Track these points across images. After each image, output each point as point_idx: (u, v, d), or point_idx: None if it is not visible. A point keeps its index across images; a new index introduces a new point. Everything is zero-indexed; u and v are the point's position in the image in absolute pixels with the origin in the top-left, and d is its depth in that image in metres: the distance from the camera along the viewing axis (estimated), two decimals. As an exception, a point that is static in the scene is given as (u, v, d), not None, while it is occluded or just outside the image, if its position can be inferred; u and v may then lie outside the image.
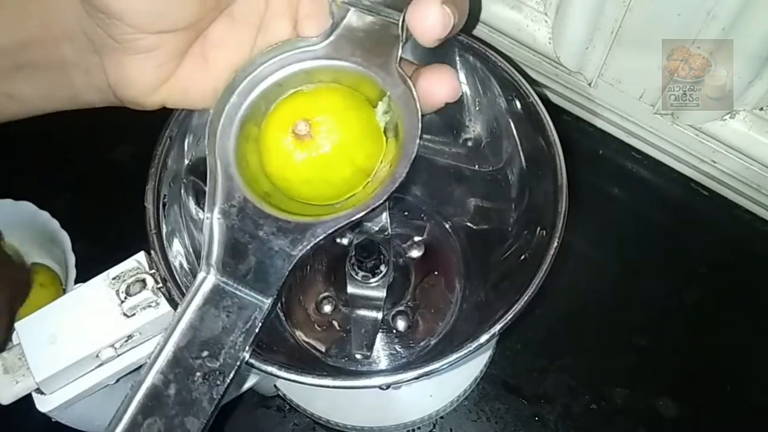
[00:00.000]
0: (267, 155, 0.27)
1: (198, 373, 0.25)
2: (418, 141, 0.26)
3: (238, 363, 0.25)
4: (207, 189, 0.27)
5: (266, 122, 0.28)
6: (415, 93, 0.26)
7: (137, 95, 0.27)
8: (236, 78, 0.28)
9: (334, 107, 0.27)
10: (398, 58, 0.27)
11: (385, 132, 0.28)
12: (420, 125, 0.26)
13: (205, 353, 0.25)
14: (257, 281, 0.26)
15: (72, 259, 0.45)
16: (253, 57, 0.28)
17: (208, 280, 0.26)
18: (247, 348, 0.25)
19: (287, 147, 0.27)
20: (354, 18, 0.28)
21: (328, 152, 0.26)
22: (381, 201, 0.26)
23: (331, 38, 0.28)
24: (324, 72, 0.28)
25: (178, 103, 0.28)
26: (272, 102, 0.28)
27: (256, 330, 0.26)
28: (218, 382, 0.25)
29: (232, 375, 0.25)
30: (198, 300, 0.26)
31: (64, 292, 0.46)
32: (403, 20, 0.26)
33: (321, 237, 0.26)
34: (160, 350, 0.25)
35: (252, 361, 0.29)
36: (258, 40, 0.28)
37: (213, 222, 0.26)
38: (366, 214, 0.26)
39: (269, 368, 0.29)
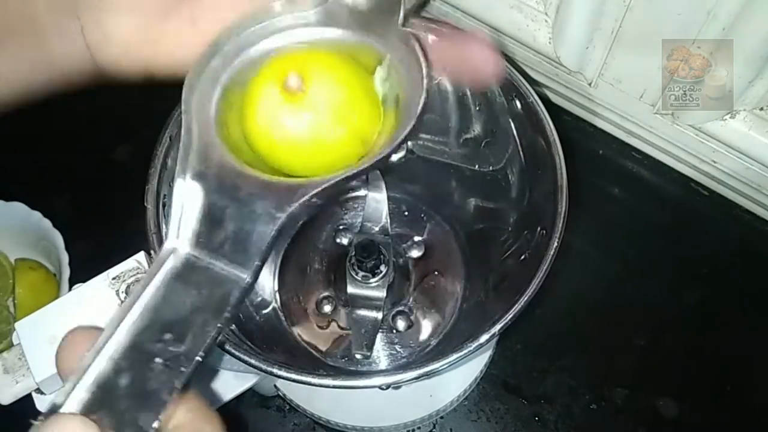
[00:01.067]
0: (251, 115, 0.25)
1: (158, 360, 0.21)
2: (422, 101, 0.24)
3: (206, 345, 0.22)
4: (180, 149, 0.24)
5: (252, 80, 0.25)
6: (420, 52, 0.24)
7: (119, 56, 0.26)
8: (220, 39, 0.26)
9: (329, 64, 0.25)
10: (400, 20, 0.25)
11: (384, 102, 0.26)
12: (425, 84, 0.24)
13: (168, 336, 0.22)
14: (235, 252, 0.23)
15: (65, 258, 0.45)
16: (240, 20, 0.26)
17: (177, 252, 0.23)
18: (217, 329, 0.22)
19: (275, 103, 0.24)
20: None
21: (322, 109, 0.24)
22: (376, 160, 0.23)
23: (326, 5, 0.26)
24: (317, 41, 0.26)
25: (163, 68, 0.26)
26: (258, 67, 0.26)
27: (230, 308, 0.22)
28: (182, 369, 0.21)
29: (198, 359, 0.21)
30: (162, 275, 0.23)
31: (59, 290, 0.46)
32: None
33: (308, 196, 0.23)
34: (111, 332, 0.21)
35: (252, 361, 0.30)
36: (252, 2, 0.26)
37: (186, 185, 0.23)
38: (359, 173, 0.24)
39: (269, 368, 0.29)
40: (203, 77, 0.25)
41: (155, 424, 0.20)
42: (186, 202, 0.23)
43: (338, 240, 0.46)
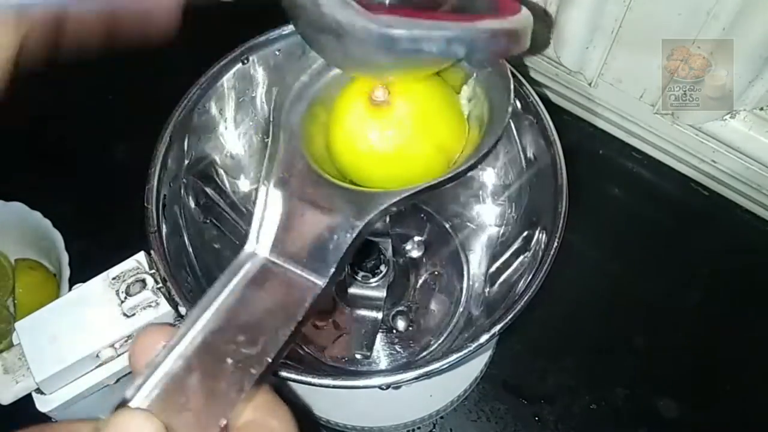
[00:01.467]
0: (337, 127, 0.26)
1: (229, 360, 0.21)
2: (507, 120, 0.25)
3: (279, 349, 0.22)
4: (266, 159, 0.25)
5: (339, 95, 0.26)
6: (508, 72, 0.25)
7: None
8: (310, 56, 0.27)
9: (415, 80, 0.25)
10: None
11: (468, 119, 0.26)
12: (509, 106, 0.25)
13: (242, 338, 0.22)
14: (312, 258, 0.23)
15: (65, 258, 0.45)
16: None
17: (255, 256, 0.23)
18: (291, 333, 0.22)
19: (361, 115, 0.25)
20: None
21: (406, 122, 0.24)
22: (454, 174, 0.24)
23: None
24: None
25: None
26: (343, 85, 0.27)
27: (303, 314, 0.22)
28: (252, 371, 0.21)
29: (268, 361, 0.21)
30: (239, 278, 0.23)
31: (59, 290, 0.46)
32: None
33: (387, 205, 0.23)
34: (186, 331, 0.22)
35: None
36: None
37: (268, 192, 0.24)
38: (435, 186, 0.24)
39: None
40: (292, 93, 0.27)
41: (222, 422, 0.20)
42: (268, 208, 0.24)
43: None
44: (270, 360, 0.21)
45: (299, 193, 0.24)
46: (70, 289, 0.43)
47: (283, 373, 0.29)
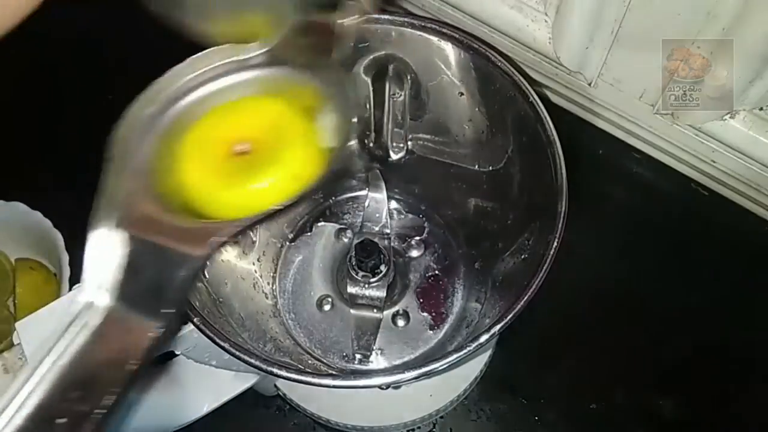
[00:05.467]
0: (193, 169, 0.25)
1: (61, 420, 0.20)
2: (345, 141, 0.25)
3: (114, 404, 0.21)
4: (101, 198, 0.24)
5: (193, 132, 0.26)
6: (350, 91, 0.26)
7: None
8: (156, 86, 0.26)
9: (273, 121, 0.25)
10: (337, 58, 0.26)
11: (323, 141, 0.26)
12: (350, 128, 0.25)
13: (76, 394, 0.20)
14: (153, 300, 0.22)
15: (66, 258, 0.45)
16: (178, 66, 0.26)
17: (93, 306, 0.22)
18: (129, 384, 0.21)
19: (220, 162, 0.25)
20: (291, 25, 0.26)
21: (267, 169, 0.25)
22: (292, 198, 0.24)
23: (268, 46, 0.26)
24: (258, 82, 0.27)
25: None
26: (201, 114, 0.26)
27: (140, 360, 0.21)
28: (85, 429, 0.20)
29: (102, 419, 0.20)
30: (77, 330, 0.21)
31: (60, 290, 0.46)
32: (340, 20, 0.26)
33: (226, 237, 0.23)
34: (16, 392, 0.20)
35: (252, 360, 0.30)
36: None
37: (109, 234, 0.23)
38: (271, 212, 0.24)
39: (269, 368, 0.29)
40: (136, 126, 0.25)
41: None
42: (106, 251, 0.23)
43: (338, 239, 0.46)
44: (104, 413, 0.20)
45: (139, 236, 0.23)
46: (70, 289, 0.44)
47: (284, 373, 0.30)
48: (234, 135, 0.25)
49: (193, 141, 0.26)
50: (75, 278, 0.45)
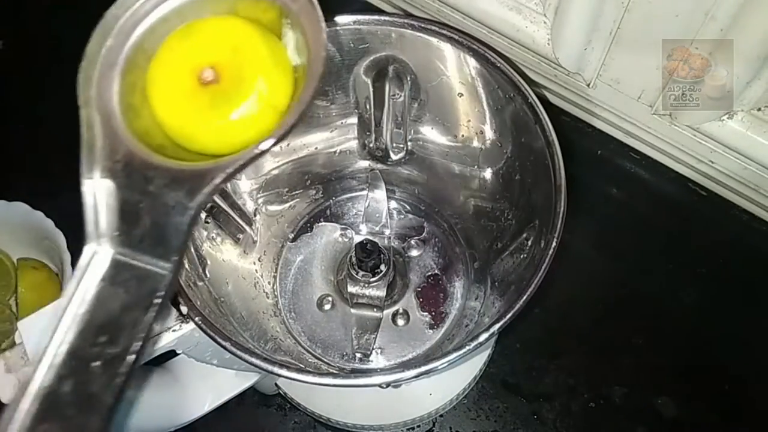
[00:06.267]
0: (163, 103, 0.24)
1: (96, 363, 0.21)
2: (324, 55, 0.23)
3: (141, 343, 0.22)
4: (83, 148, 0.23)
5: (157, 66, 0.24)
6: (316, 4, 0.24)
7: None
8: (108, 17, 0.24)
9: (239, 41, 0.24)
10: None
11: (297, 69, 0.25)
12: (324, 38, 0.23)
13: (104, 338, 0.22)
14: (156, 245, 0.22)
15: (68, 258, 0.45)
16: None
17: (100, 254, 0.23)
18: (150, 325, 0.22)
19: (189, 94, 0.23)
20: None
21: (237, 93, 0.23)
22: (285, 131, 0.23)
23: None
24: (213, 1, 0.25)
25: None
26: (160, 41, 0.25)
27: (160, 302, 0.22)
28: (121, 370, 0.21)
29: (135, 358, 0.22)
30: (90, 279, 0.22)
31: (62, 289, 0.46)
32: None
33: (220, 180, 0.23)
34: (49, 342, 0.22)
35: (252, 359, 0.30)
36: None
37: (96, 185, 0.23)
38: (268, 149, 0.23)
39: (270, 367, 0.30)
40: (99, 63, 0.24)
41: (99, 425, 0.21)
42: (99, 201, 0.23)
43: (338, 240, 0.46)
44: (134, 356, 0.22)
45: (127, 181, 0.23)
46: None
47: (284, 372, 0.30)
48: (197, 62, 0.24)
49: (156, 74, 0.24)
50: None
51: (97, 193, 0.23)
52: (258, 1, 0.25)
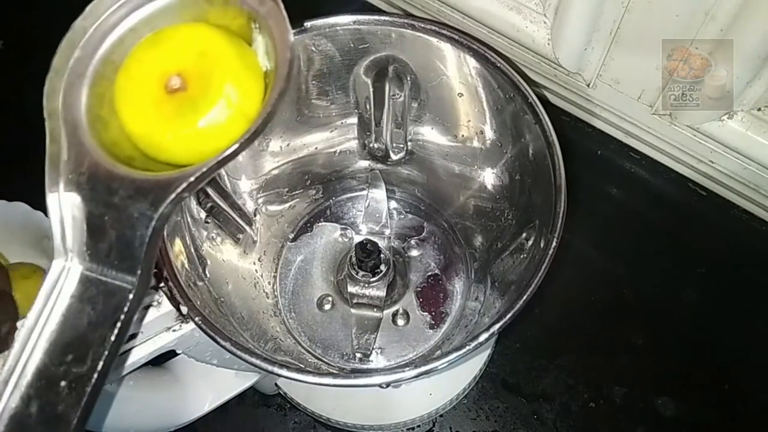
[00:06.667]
0: (130, 113, 0.24)
1: (63, 383, 0.21)
2: (289, 57, 0.23)
3: (107, 361, 0.22)
4: (47, 160, 0.23)
5: (124, 75, 0.24)
6: (282, 7, 0.23)
7: None
8: (76, 28, 0.24)
9: (206, 47, 0.23)
10: None
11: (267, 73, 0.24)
12: (291, 41, 0.23)
13: (70, 356, 0.21)
14: (122, 259, 0.22)
15: None
16: (94, 2, 0.24)
17: (67, 269, 0.22)
18: (115, 341, 0.22)
19: (156, 103, 0.23)
20: None
21: (206, 101, 0.23)
22: (250, 136, 0.22)
23: None
24: (184, 9, 0.25)
25: None
26: (128, 52, 0.24)
27: (125, 318, 0.22)
28: (86, 389, 0.21)
29: (98, 377, 0.21)
30: (58, 296, 0.22)
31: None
32: None
33: (182, 189, 0.22)
34: (15, 362, 0.21)
35: (253, 359, 0.30)
36: None
37: (60, 198, 0.22)
38: (232, 154, 0.22)
39: (270, 367, 0.30)
40: (66, 74, 0.24)
41: None
42: (65, 215, 0.22)
43: (338, 240, 0.46)
44: (99, 373, 0.21)
45: (92, 193, 0.22)
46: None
47: (284, 372, 0.30)
48: (164, 70, 0.23)
49: (123, 84, 0.24)
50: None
51: (63, 206, 0.23)
52: (226, 8, 0.24)
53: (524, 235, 0.37)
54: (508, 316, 0.30)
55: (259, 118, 0.22)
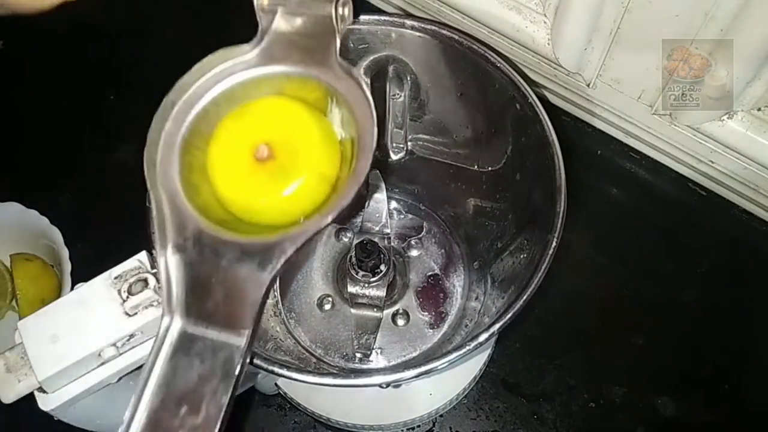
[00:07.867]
0: (222, 181, 0.26)
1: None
2: (375, 131, 0.25)
3: (223, 412, 0.22)
4: (155, 226, 0.25)
5: (214, 146, 0.26)
6: (363, 84, 0.25)
7: None
8: (166, 103, 0.26)
9: (289, 119, 0.26)
10: (337, 50, 0.26)
11: (342, 141, 0.26)
12: (374, 115, 0.25)
13: (184, 409, 0.22)
14: (228, 317, 0.23)
15: (65, 253, 0.45)
16: (184, 78, 0.26)
17: (173, 326, 0.24)
18: (229, 393, 0.23)
19: (246, 171, 0.25)
20: (283, 20, 0.27)
21: (292, 169, 0.25)
22: (347, 201, 0.24)
23: (263, 44, 0.27)
24: (263, 82, 0.27)
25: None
26: (213, 122, 0.26)
27: (237, 371, 0.23)
28: None
29: (218, 427, 0.22)
30: (165, 351, 0.23)
31: (61, 285, 0.46)
32: (336, 10, 0.26)
33: (291, 252, 0.23)
34: (132, 415, 0.22)
35: (255, 360, 0.30)
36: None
37: (168, 261, 0.24)
38: (333, 219, 0.24)
39: (270, 367, 0.30)
40: (161, 145, 0.26)
41: None
42: (172, 276, 0.24)
43: (338, 239, 0.46)
44: (218, 424, 0.22)
45: (198, 257, 0.24)
46: (72, 284, 0.44)
47: (285, 372, 0.30)
48: (252, 141, 0.25)
49: (216, 153, 0.26)
50: (76, 278, 0.45)
51: (170, 268, 0.24)
52: (305, 82, 0.26)
53: (524, 234, 0.37)
54: (508, 316, 0.30)
55: (350, 186, 0.24)
